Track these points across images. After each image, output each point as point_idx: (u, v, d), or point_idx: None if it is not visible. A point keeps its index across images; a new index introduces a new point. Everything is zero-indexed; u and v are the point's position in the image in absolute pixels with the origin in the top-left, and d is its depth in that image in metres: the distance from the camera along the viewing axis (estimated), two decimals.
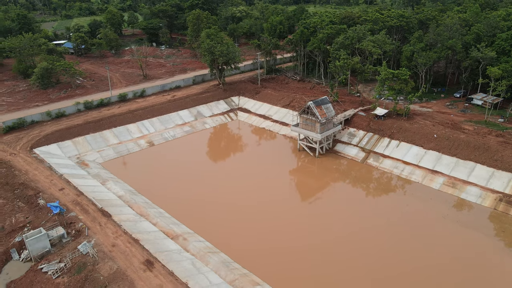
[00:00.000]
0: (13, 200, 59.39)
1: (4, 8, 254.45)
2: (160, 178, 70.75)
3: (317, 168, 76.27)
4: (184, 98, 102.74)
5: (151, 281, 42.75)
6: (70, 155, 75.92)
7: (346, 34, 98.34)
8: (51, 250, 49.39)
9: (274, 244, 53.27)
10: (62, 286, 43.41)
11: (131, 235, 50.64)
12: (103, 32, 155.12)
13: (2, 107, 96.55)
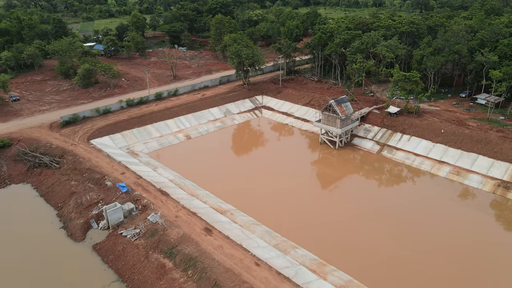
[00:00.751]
0: (83, 181, 70.43)
1: (30, 10, 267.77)
2: (201, 166, 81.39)
3: (337, 158, 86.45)
4: (213, 97, 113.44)
5: (212, 242, 53.32)
6: (120, 146, 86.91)
7: (361, 39, 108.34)
8: (124, 221, 60.18)
9: (305, 219, 63.48)
10: (141, 246, 54.21)
11: (188, 209, 61.28)
12: (130, 35, 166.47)
13: (53, 104, 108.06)
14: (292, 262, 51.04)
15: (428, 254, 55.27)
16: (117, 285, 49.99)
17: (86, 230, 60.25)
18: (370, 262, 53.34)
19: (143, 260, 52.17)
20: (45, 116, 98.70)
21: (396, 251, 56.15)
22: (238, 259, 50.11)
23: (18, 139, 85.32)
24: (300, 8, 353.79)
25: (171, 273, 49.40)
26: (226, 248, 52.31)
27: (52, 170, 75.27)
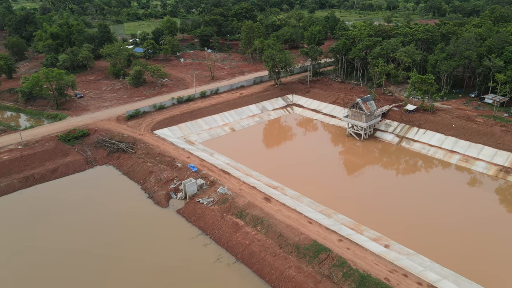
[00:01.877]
0: (157, 163, 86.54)
1: (66, 14, 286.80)
2: (248, 153, 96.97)
3: (362, 148, 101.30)
4: (249, 95, 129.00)
5: (272, 207, 68.75)
6: (178, 136, 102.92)
7: (382, 45, 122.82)
8: (197, 193, 76.04)
9: (339, 192, 78.45)
10: (216, 210, 69.97)
11: (248, 184, 76.86)
12: (167, 39, 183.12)
13: (113, 101, 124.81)
14: (335, 222, 66.20)
15: (440, 218, 69.88)
16: (202, 237, 65.75)
17: (168, 200, 76.32)
18: (394, 223, 68.00)
19: (220, 220, 67.90)
20: (110, 111, 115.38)
21: (414, 216, 70.72)
22: (295, 219, 65.48)
23: (94, 130, 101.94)
24: (316, 11, 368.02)
25: (243, 228, 65.02)
26: (284, 211, 67.71)
27: (128, 155, 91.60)
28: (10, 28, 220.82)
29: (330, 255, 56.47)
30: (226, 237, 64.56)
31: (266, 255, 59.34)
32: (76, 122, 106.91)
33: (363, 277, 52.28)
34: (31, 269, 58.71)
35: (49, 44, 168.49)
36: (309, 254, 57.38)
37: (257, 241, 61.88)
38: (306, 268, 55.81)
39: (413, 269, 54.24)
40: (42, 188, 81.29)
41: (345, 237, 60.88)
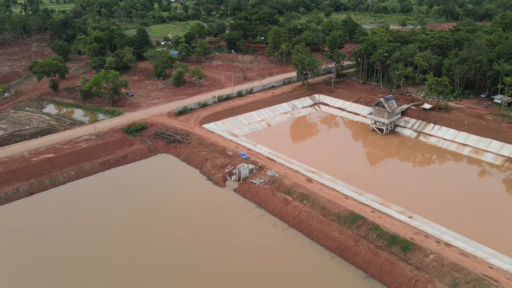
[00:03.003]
0: (210, 152, 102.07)
1: (97, 18, 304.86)
2: (286, 144, 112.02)
3: (384, 142, 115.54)
4: (281, 94, 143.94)
5: (314, 186, 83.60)
6: (223, 130, 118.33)
7: (401, 51, 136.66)
8: (249, 175, 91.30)
9: (368, 177, 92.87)
10: (267, 189, 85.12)
11: (291, 169, 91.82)
12: (199, 42, 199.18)
13: (161, 99, 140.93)
14: (366, 199, 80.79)
15: (453, 196, 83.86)
16: (258, 209, 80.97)
17: (224, 181, 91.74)
18: (415, 201, 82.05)
19: (272, 196, 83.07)
20: (159, 108, 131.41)
21: (431, 195, 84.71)
22: (334, 195, 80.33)
23: (150, 123, 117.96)
24: (332, 14, 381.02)
25: (292, 202, 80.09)
26: (324, 189, 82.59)
27: (184, 145, 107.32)
28: (52, 31, 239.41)
29: (365, 222, 71.22)
30: (278, 209, 79.72)
31: (313, 222, 74.35)
32: (133, 117, 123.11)
33: (393, 237, 66.91)
34: (109, 237, 74.59)
35: (94, 47, 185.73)
36: (348, 221, 72.22)
37: (304, 212, 76.93)
38: (347, 231, 70.66)
39: (432, 233, 68.64)
40: (117, 171, 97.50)
41: (376, 209, 75.53)
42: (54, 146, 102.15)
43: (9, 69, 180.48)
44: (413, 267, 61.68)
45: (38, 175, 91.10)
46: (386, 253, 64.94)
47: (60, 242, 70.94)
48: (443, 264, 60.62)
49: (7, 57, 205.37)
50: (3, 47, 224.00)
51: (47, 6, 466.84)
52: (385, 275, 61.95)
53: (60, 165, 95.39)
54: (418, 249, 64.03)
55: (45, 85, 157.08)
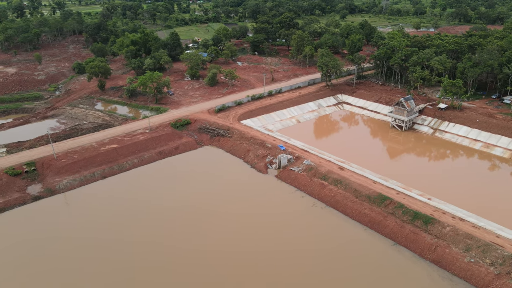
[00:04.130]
0: (251, 144, 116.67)
1: (125, 21, 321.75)
2: (315, 138, 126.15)
3: (403, 137, 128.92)
4: (307, 94, 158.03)
5: (346, 173, 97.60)
6: (259, 125, 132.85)
7: (418, 55, 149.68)
8: (287, 164, 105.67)
9: (389, 166, 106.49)
10: (305, 175, 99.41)
11: (324, 159, 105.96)
12: (227, 45, 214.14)
13: (198, 98, 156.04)
14: (391, 184, 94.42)
15: (466, 182, 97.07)
16: (298, 192, 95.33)
17: (266, 169, 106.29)
18: (432, 186, 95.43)
19: (309, 181, 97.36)
20: (199, 105, 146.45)
21: (446, 181, 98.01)
22: (363, 180, 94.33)
23: (194, 119, 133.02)
24: (348, 16, 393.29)
25: (328, 186, 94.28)
26: (355, 176, 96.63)
27: (227, 138, 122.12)
28: (87, 34, 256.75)
29: (392, 201, 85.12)
30: (316, 192, 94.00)
31: (347, 202, 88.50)
32: (178, 113, 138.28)
33: (415, 213, 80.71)
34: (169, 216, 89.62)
35: (131, 49, 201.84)
36: (377, 201, 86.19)
37: (339, 194, 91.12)
38: (376, 209, 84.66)
39: (449, 210, 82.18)
40: (172, 160, 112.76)
41: (400, 192, 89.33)
42: (115, 138, 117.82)
43: (55, 70, 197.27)
44: (433, 236, 75.49)
45: (108, 162, 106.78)
46: (410, 226, 78.81)
47: (139, 217, 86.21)
48: (458, 234, 74.34)
49: (49, 58, 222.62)
50: (44, 49, 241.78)
51: (70, 7, 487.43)
52: (410, 243, 75.88)
53: (124, 154, 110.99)
54: (437, 222, 77.78)
55: (91, 85, 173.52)
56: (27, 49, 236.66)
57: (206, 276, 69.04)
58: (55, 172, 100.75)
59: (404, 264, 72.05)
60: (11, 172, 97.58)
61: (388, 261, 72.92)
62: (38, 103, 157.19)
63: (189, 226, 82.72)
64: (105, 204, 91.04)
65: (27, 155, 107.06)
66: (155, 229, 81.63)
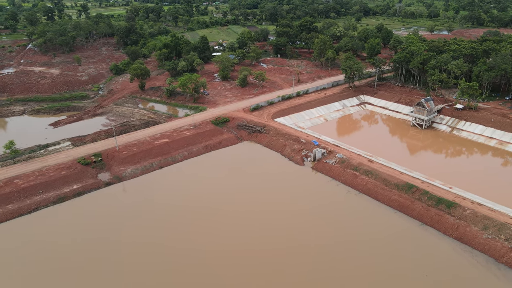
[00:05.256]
0: (287, 140, 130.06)
1: (151, 23, 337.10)
2: (343, 135, 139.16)
3: (423, 135, 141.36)
4: (332, 95, 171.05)
5: (375, 165, 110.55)
6: (290, 123, 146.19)
7: (437, 59, 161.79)
8: (321, 157, 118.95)
9: (412, 160, 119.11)
10: (338, 166, 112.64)
11: (354, 153, 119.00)
12: (252, 48, 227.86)
13: (232, 98, 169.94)
14: (416, 175, 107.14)
15: (481, 174, 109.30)
16: (333, 181, 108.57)
17: (303, 161, 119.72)
18: (452, 177, 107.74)
19: (343, 172, 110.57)
20: (234, 105, 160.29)
21: (464, 173, 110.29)
22: (391, 171, 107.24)
23: (232, 117, 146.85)
24: (362, 19, 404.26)
25: (360, 176, 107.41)
26: (383, 167, 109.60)
27: (264, 134, 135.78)
28: (118, 36, 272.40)
29: (418, 189, 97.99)
30: (349, 181, 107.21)
31: (378, 189, 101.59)
32: (216, 112, 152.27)
33: (439, 199, 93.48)
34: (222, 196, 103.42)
35: (163, 52, 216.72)
36: (404, 188, 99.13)
37: (370, 183, 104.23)
38: (404, 195, 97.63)
39: (468, 197, 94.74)
40: (217, 153, 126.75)
41: (425, 181, 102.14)
42: (165, 134, 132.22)
43: (95, 71, 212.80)
44: (455, 218, 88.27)
45: (162, 154, 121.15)
46: (435, 209, 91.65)
47: (200, 203, 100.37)
48: (477, 216, 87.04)
49: (86, 60, 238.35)
50: (79, 51, 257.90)
51: (91, 9, 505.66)
52: (435, 223, 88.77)
53: (175, 147, 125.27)
54: (458, 206, 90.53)
55: (131, 85, 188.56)
56: (64, 51, 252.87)
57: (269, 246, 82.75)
58: (119, 162, 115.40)
59: (431, 239, 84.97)
60: (83, 162, 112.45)
61: (417, 237, 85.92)
62: (86, 102, 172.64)
63: (247, 210, 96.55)
64: (169, 190, 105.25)
65: (92, 147, 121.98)
66: (216, 213, 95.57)
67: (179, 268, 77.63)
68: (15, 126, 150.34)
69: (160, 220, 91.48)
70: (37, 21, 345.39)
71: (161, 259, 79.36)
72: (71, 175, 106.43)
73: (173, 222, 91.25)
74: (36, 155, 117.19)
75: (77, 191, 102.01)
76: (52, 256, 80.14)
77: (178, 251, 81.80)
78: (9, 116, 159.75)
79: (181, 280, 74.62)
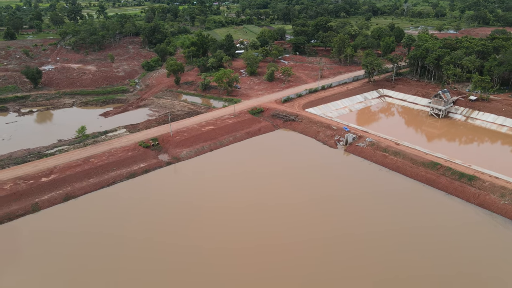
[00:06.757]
0: (320, 127, 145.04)
1: (171, 23, 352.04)
2: (368, 123, 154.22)
3: (440, 123, 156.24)
4: (353, 89, 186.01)
5: (401, 147, 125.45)
6: (319, 113, 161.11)
7: (451, 56, 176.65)
8: (352, 141, 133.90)
9: (433, 144, 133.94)
10: (369, 149, 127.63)
11: (381, 137, 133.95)
12: (274, 46, 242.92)
13: (263, 91, 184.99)
14: (438, 155, 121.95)
15: (495, 154, 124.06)
16: (366, 161, 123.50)
17: (336, 145, 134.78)
18: (470, 156, 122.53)
19: (373, 153, 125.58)
20: (266, 97, 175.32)
21: (480, 153, 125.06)
22: (417, 152, 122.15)
23: (266, 108, 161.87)
24: (372, 19, 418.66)
25: (389, 156, 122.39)
26: (409, 149, 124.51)
27: (297, 122, 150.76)
28: (144, 35, 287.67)
29: (442, 166, 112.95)
30: (380, 161, 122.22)
31: (406, 167, 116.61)
32: (250, 103, 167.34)
33: (461, 173, 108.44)
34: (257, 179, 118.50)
35: (192, 50, 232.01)
36: (430, 166, 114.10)
37: (399, 162, 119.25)
38: (430, 171, 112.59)
39: (486, 172, 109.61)
40: (258, 139, 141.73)
41: (447, 160, 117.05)
42: (209, 122, 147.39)
43: (129, 67, 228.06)
44: (476, 188, 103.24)
45: (211, 139, 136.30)
46: (458, 182, 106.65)
47: (250, 180, 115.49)
48: (494, 186, 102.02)
49: (117, 57, 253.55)
50: (108, 49, 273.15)
51: (107, 10, 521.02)
52: (459, 193, 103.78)
53: (220, 133, 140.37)
54: (478, 179, 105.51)
55: (165, 80, 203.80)
56: (94, 49, 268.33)
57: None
58: (174, 146, 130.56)
59: (456, 206, 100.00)
60: (143, 145, 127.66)
61: (444, 204, 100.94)
62: (128, 95, 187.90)
63: (294, 185, 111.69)
64: (222, 169, 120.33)
65: (148, 133, 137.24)
66: (269, 186, 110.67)
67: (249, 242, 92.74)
68: (69, 116, 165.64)
69: (222, 192, 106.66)
70: (61, 21, 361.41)
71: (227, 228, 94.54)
72: (137, 156, 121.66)
73: (236, 195, 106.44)
74: (100, 140, 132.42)
75: (144, 169, 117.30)
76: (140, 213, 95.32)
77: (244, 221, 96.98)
78: (60, 107, 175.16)
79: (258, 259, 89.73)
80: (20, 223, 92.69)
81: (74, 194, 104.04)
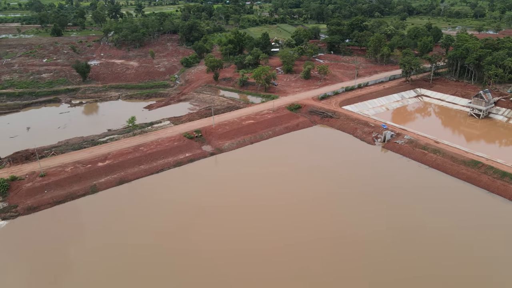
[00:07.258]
0: (357, 123, 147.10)
1: (207, 22, 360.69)
2: (405, 122, 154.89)
3: (480, 124, 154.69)
4: (390, 88, 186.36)
5: (441, 145, 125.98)
6: (356, 111, 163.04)
7: (493, 56, 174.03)
8: (390, 139, 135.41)
9: (473, 144, 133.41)
10: (407, 146, 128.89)
11: (420, 135, 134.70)
12: (309, 45, 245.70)
13: (299, 88, 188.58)
14: (479, 154, 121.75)
15: None
16: (404, 158, 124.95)
17: (374, 142, 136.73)
18: (509, 154, 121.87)
19: (412, 150, 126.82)
20: (302, 94, 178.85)
21: None
22: (457, 150, 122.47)
23: (303, 104, 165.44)
24: (408, 19, 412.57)
25: (428, 154, 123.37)
26: (449, 147, 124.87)
27: (334, 119, 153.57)
28: (181, 33, 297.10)
29: (483, 165, 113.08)
30: (419, 158, 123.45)
31: (446, 164, 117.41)
32: (288, 100, 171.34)
33: (503, 172, 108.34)
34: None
35: (229, 47, 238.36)
36: (471, 164, 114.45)
37: (439, 159, 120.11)
38: (471, 169, 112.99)
39: None
40: (296, 134, 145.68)
41: (488, 159, 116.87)
42: (249, 116, 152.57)
43: (168, 64, 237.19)
44: None
45: (251, 132, 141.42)
46: (500, 181, 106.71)
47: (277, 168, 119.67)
48: None
49: (156, 54, 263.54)
50: (148, 46, 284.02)
51: (144, 8, 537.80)
52: (501, 191, 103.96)
53: (260, 127, 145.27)
54: None
55: (204, 76, 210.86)
56: (135, 46, 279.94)
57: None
58: (216, 138, 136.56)
59: (498, 203, 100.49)
60: (188, 136, 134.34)
61: (487, 201, 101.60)
62: (169, 90, 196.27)
63: (335, 179, 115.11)
64: (265, 162, 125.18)
65: (191, 125, 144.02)
66: (309, 177, 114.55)
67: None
68: (116, 108, 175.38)
69: (266, 184, 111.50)
70: (103, 19, 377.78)
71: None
72: (182, 146, 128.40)
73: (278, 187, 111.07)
74: (146, 130, 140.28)
75: (189, 158, 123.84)
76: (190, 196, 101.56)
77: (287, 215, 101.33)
78: (107, 100, 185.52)
79: None
80: (81, 202, 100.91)
81: (127, 179, 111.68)
